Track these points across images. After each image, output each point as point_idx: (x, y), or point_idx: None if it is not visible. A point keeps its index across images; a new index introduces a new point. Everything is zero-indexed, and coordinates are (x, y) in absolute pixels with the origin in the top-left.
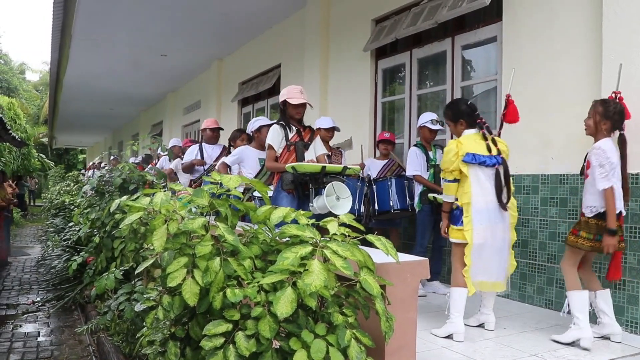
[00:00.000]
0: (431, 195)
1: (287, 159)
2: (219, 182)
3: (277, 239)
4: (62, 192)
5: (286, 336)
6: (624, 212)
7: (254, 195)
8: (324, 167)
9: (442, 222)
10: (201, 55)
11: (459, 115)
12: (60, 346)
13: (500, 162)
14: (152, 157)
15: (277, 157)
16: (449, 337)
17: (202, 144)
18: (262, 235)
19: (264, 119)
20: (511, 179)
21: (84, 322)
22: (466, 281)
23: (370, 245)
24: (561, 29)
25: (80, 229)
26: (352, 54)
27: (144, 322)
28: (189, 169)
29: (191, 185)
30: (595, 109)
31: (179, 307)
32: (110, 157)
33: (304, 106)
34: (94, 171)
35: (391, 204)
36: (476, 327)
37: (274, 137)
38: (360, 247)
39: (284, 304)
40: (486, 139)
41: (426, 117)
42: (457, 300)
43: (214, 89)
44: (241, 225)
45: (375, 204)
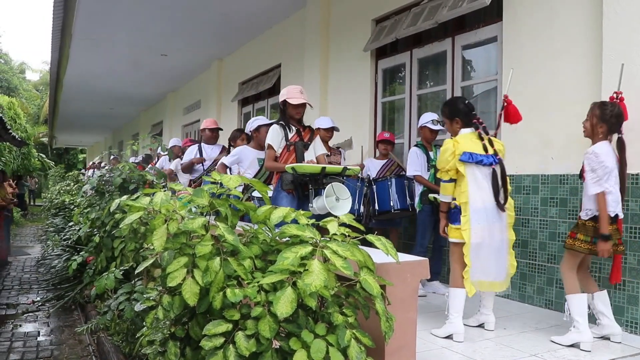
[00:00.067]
0: (432, 195)
1: (287, 159)
2: (218, 182)
3: (277, 239)
4: (62, 191)
5: (286, 336)
6: (621, 215)
7: (252, 195)
8: (324, 168)
9: (440, 222)
10: (201, 55)
11: (455, 113)
12: (60, 346)
13: (496, 161)
14: (152, 157)
15: (277, 157)
16: (449, 337)
17: (202, 144)
18: (262, 235)
19: (262, 119)
20: (508, 178)
21: (84, 321)
22: (464, 283)
23: (370, 245)
24: (561, 28)
25: (80, 229)
26: (352, 54)
27: (144, 322)
28: (188, 168)
29: (191, 185)
30: (592, 111)
31: (179, 307)
32: (110, 156)
33: (303, 106)
34: (94, 171)
35: (391, 204)
36: (476, 327)
37: (274, 137)
38: (360, 247)
39: (284, 304)
40: (482, 139)
41: (427, 118)
42: (456, 300)
43: (214, 89)
44: (241, 225)
45: (375, 204)
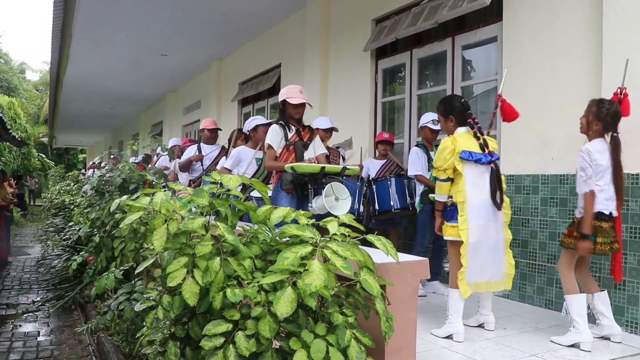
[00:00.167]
0: (432, 195)
1: (287, 158)
2: (218, 182)
3: (277, 238)
4: (62, 191)
5: (286, 336)
6: (615, 213)
7: (251, 195)
8: (323, 168)
9: (436, 221)
10: (201, 55)
11: (450, 110)
12: (60, 346)
13: (493, 160)
14: (151, 157)
15: (277, 156)
16: (449, 337)
17: (201, 144)
18: (262, 235)
19: (260, 118)
20: (503, 177)
21: (84, 321)
22: (459, 283)
23: (370, 245)
24: (561, 28)
25: (80, 229)
26: (352, 54)
27: (144, 322)
28: (186, 167)
29: (191, 185)
30: (590, 108)
31: (179, 307)
32: (110, 156)
33: (303, 106)
34: (94, 171)
35: (392, 204)
36: (476, 327)
37: (274, 136)
38: (360, 247)
39: (284, 304)
40: (478, 138)
41: (427, 118)
42: (456, 300)
43: (214, 89)
44: (241, 225)
45: (375, 204)
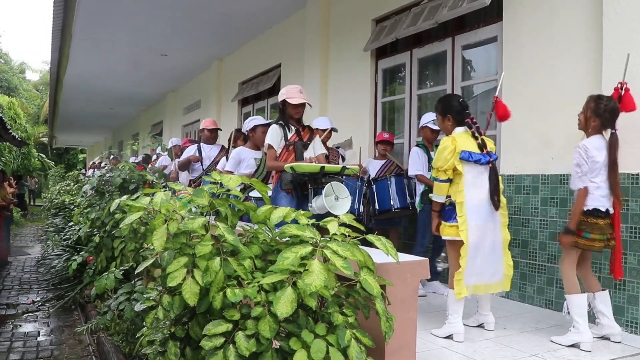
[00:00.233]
0: (432, 195)
1: (286, 158)
2: (218, 182)
3: (277, 238)
4: (62, 191)
5: (286, 336)
6: (611, 210)
7: (250, 195)
8: (323, 168)
9: (433, 221)
10: (201, 55)
11: (448, 109)
12: (60, 346)
13: (492, 160)
14: (151, 157)
15: (277, 157)
16: (449, 337)
17: (201, 144)
18: (262, 235)
19: (259, 119)
20: (500, 177)
21: (84, 321)
22: (455, 283)
23: (370, 245)
24: (561, 28)
25: (80, 229)
26: (352, 54)
27: (144, 322)
28: (185, 166)
29: (191, 185)
30: (588, 104)
31: (179, 307)
32: (110, 156)
33: (303, 106)
34: (94, 171)
35: (392, 203)
36: (476, 328)
37: (273, 136)
38: (360, 247)
39: (284, 304)
40: (476, 138)
41: (428, 118)
42: (456, 301)
43: (214, 89)
44: (241, 225)
45: (375, 204)
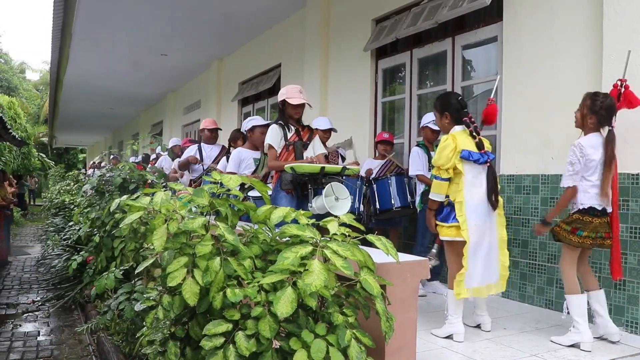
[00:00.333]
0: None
1: (286, 158)
2: (218, 181)
3: (277, 238)
4: (62, 191)
5: (286, 336)
6: (608, 209)
7: (249, 195)
8: (323, 168)
9: (430, 220)
10: (201, 55)
11: (446, 107)
12: (60, 345)
13: (490, 159)
14: (149, 156)
15: (277, 156)
16: (449, 337)
17: (201, 144)
18: (262, 235)
19: (258, 119)
20: (497, 178)
21: (84, 321)
22: (455, 284)
23: (370, 245)
24: (561, 28)
25: (80, 229)
26: (352, 54)
27: (144, 322)
28: (185, 166)
29: (191, 185)
30: (584, 101)
31: (179, 306)
32: (110, 156)
33: (303, 106)
34: (94, 170)
35: (392, 202)
36: (476, 328)
37: (274, 136)
38: (360, 247)
39: (284, 304)
40: (474, 137)
41: (428, 118)
42: (455, 301)
43: (214, 89)
44: (241, 225)
45: (376, 203)
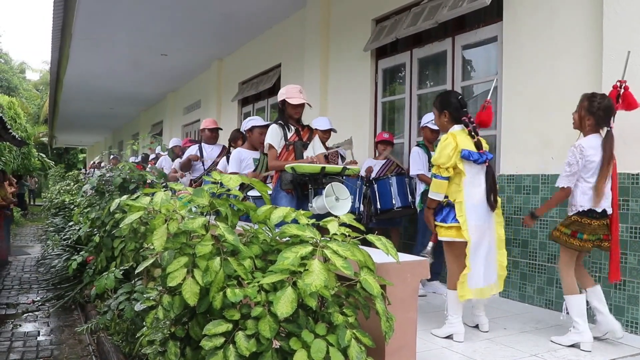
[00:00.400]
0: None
1: (286, 158)
2: (219, 181)
3: (277, 238)
4: (62, 191)
5: (286, 336)
6: (609, 210)
7: (248, 195)
8: (323, 168)
9: (429, 219)
10: (201, 55)
11: (445, 105)
12: (60, 345)
13: (489, 159)
14: (149, 156)
15: (277, 156)
16: (449, 337)
17: (202, 144)
18: (262, 235)
19: (257, 119)
20: (498, 178)
21: (84, 321)
22: (458, 285)
23: (370, 245)
24: (561, 28)
25: (80, 229)
26: (352, 54)
27: (144, 322)
28: (186, 166)
29: (192, 185)
30: (581, 103)
31: (179, 306)
32: (110, 156)
33: (302, 106)
34: (94, 170)
35: (393, 202)
36: (475, 327)
37: (274, 136)
38: (360, 247)
39: (284, 304)
40: (473, 137)
41: (428, 118)
42: (455, 301)
43: (214, 89)
44: (241, 225)
45: (377, 203)
